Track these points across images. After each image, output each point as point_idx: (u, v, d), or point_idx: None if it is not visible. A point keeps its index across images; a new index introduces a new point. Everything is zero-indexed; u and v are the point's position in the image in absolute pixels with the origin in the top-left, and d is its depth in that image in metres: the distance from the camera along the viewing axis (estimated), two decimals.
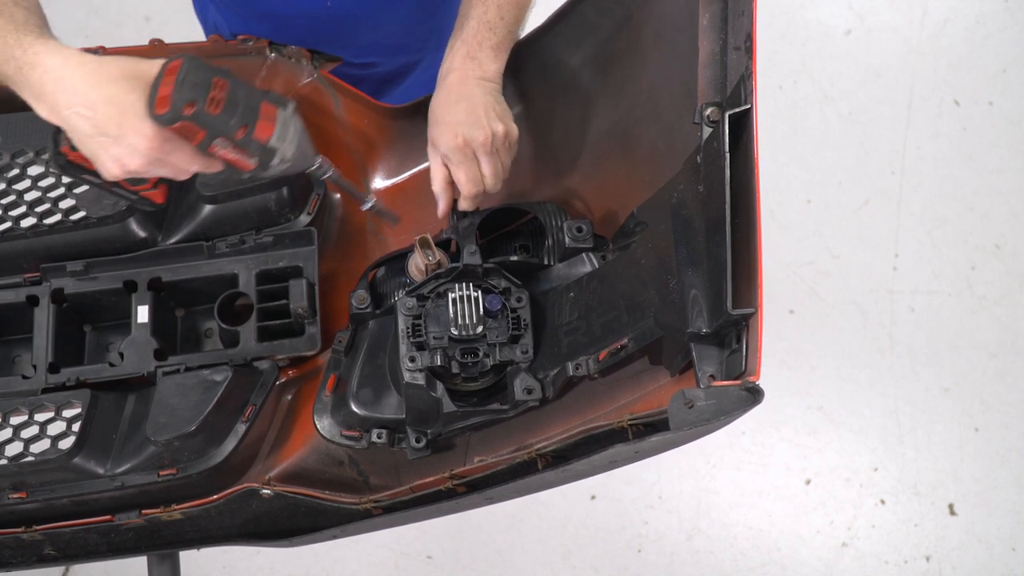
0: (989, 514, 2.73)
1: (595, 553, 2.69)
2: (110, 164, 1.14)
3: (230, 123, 1.11)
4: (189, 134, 1.11)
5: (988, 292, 2.96)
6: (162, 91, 1.08)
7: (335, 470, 1.47)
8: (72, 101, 1.11)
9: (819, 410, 2.84)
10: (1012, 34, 3.28)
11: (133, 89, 1.10)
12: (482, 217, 1.45)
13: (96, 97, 1.10)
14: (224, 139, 1.12)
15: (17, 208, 1.49)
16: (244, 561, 2.66)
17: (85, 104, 1.10)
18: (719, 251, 1.05)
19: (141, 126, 1.10)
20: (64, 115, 1.12)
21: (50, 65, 1.12)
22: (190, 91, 1.07)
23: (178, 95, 1.07)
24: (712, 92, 1.16)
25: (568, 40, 1.48)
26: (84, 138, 1.13)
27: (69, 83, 1.11)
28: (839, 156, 3.12)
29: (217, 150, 1.13)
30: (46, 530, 1.41)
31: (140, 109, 1.10)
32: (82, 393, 1.41)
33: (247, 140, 1.13)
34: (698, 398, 1.00)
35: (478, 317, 1.31)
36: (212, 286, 1.53)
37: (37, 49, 1.12)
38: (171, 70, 1.08)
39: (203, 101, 1.08)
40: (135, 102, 1.10)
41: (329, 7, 1.60)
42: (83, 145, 1.14)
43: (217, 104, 1.09)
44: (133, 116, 1.10)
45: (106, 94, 1.10)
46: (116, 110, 1.10)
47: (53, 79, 1.11)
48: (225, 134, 1.11)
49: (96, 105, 1.10)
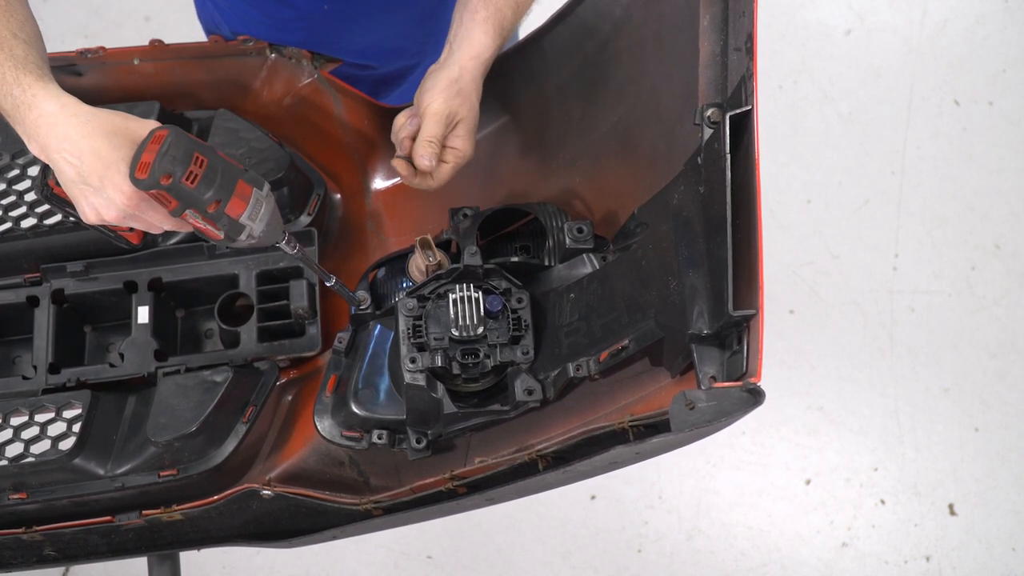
0: (989, 514, 2.73)
1: (595, 553, 2.69)
2: (88, 210, 1.19)
3: (204, 197, 1.15)
4: (164, 200, 1.15)
5: (988, 292, 2.95)
6: (145, 157, 1.13)
7: (335, 471, 1.47)
8: (62, 147, 1.15)
9: (819, 410, 2.84)
10: (1012, 34, 3.28)
11: (120, 146, 1.15)
12: (483, 218, 1.45)
13: (85, 148, 1.14)
14: (195, 211, 1.16)
15: (17, 208, 1.49)
16: (244, 561, 2.66)
17: (73, 152, 1.15)
18: (720, 252, 1.05)
19: (121, 183, 1.15)
20: (53, 158, 1.17)
21: (46, 110, 1.16)
22: (169, 163, 1.12)
23: (158, 165, 1.11)
24: (713, 93, 1.16)
25: (568, 41, 1.48)
26: (68, 182, 1.18)
27: (62, 130, 1.15)
28: (839, 156, 3.12)
29: (188, 218, 1.18)
30: (46, 531, 1.41)
31: (123, 167, 1.15)
32: (82, 394, 1.41)
33: (218, 214, 1.17)
34: (699, 399, 1.00)
35: (479, 318, 1.31)
36: (212, 287, 1.53)
37: (36, 91, 1.17)
38: (156, 139, 1.13)
39: (180, 174, 1.12)
40: (119, 160, 1.15)
41: (326, 10, 1.60)
42: (66, 188, 1.20)
43: (193, 179, 1.13)
44: (115, 172, 1.15)
45: (94, 146, 1.14)
46: (101, 163, 1.15)
47: (47, 123, 1.16)
48: (197, 207, 1.16)
49: (83, 155, 1.15)
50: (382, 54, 1.75)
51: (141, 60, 1.56)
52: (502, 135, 1.60)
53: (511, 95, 1.57)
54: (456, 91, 1.35)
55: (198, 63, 1.58)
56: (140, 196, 1.16)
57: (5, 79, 1.18)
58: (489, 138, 1.60)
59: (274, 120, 1.60)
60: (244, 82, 1.60)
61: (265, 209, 1.21)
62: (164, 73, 1.56)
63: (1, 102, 1.19)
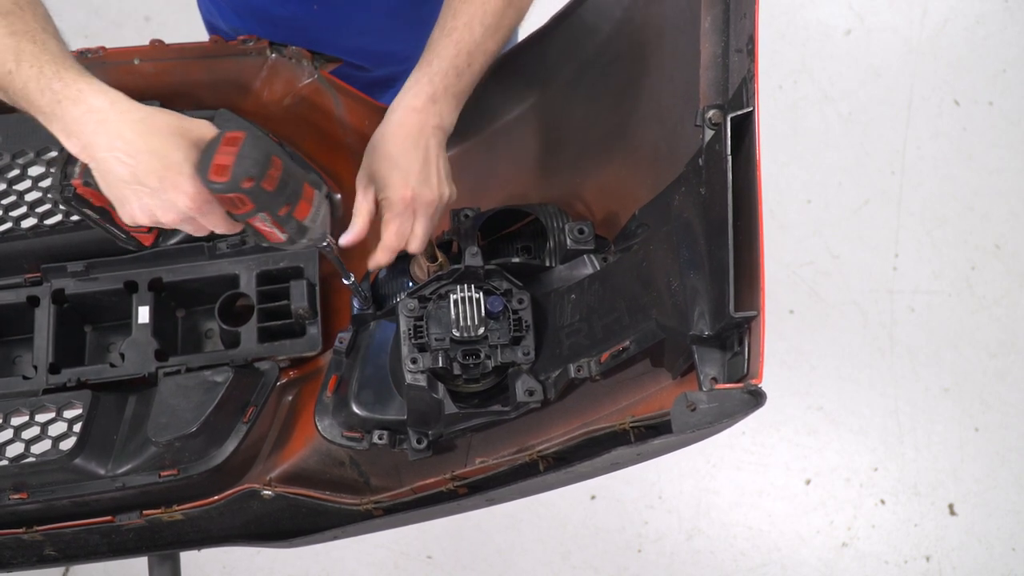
0: (989, 514, 2.74)
1: (595, 553, 2.69)
2: (137, 212, 1.15)
3: (279, 200, 1.13)
4: (236, 204, 1.12)
5: (988, 292, 2.96)
6: (221, 159, 1.09)
7: (336, 471, 1.47)
8: (114, 145, 1.11)
9: (819, 410, 2.84)
10: (1012, 34, 3.28)
11: (179, 147, 1.11)
12: (484, 219, 1.45)
13: (142, 147, 1.10)
14: (267, 214, 1.14)
15: (18, 208, 1.49)
16: (244, 561, 2.66)
17: (128, 151, 1.10)
18: (721, 254, 1.05)
19: (184, 184, 1.11)
20: (100, 156, 1.12)
21: (94, 105, 1.12)
22: (252, 166, 1.09)
23: (239, 168, 1.08)
24: (714, 94, 1.16)
25: (569, 42, 1.48)
26: (117, 182, 1.13)
27: (114, 128, 1.11)
28: (839, 156, 3.12)
29: (255, 222, 1.16)
30: (47, 531, 1.41)
31: (185, 168, 1.11)
32: (83, 394, 1.41)
33: (287, 218, 1.16)
34: (700, 401, 1.00)
35: (480, 319, 1.31)
36: (213, 287, 1.53)
37: (80, 86, 1.12)
38: (231, 140, 1.10)
39: (261, 177, 1.10)
40: (180, 160, 1.11)
41: (315, 11, 1.60)
42: (112, 188, 1.15)
43: (272, 182, 1.11)
44: (176, 174, 1.11)
45: (152, 146, 1.10)
46: (160, 164, 1.11)
47: (96, 120, 1.11)
48: (270, 210, 1.14)
49: (140, 155, 1.10)
50: (373, 57, 1.75)
51: (141, 60, 1.55)
52: (503, 136, 1.60)
53: (512, 95, 1.57)
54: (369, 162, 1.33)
55: (198, 63, 1.58)
56: (204, 198, 1.13)
57: (43, 72, 1.13)
58: (490, 139, 1.60)
59: (274, 120, 1.60)
60: (244, 82, 1.60)
61: (323, 211, 1.20)
62: (164, 73, 1.56)
63: (35, 97, 1.13)
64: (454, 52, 1.33)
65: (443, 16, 1.37)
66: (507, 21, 1.36)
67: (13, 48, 1.13)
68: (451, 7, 1.36)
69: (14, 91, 1.15)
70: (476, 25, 1.34)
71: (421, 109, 1.32)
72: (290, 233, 1.18)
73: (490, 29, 1.35)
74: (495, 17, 1.35)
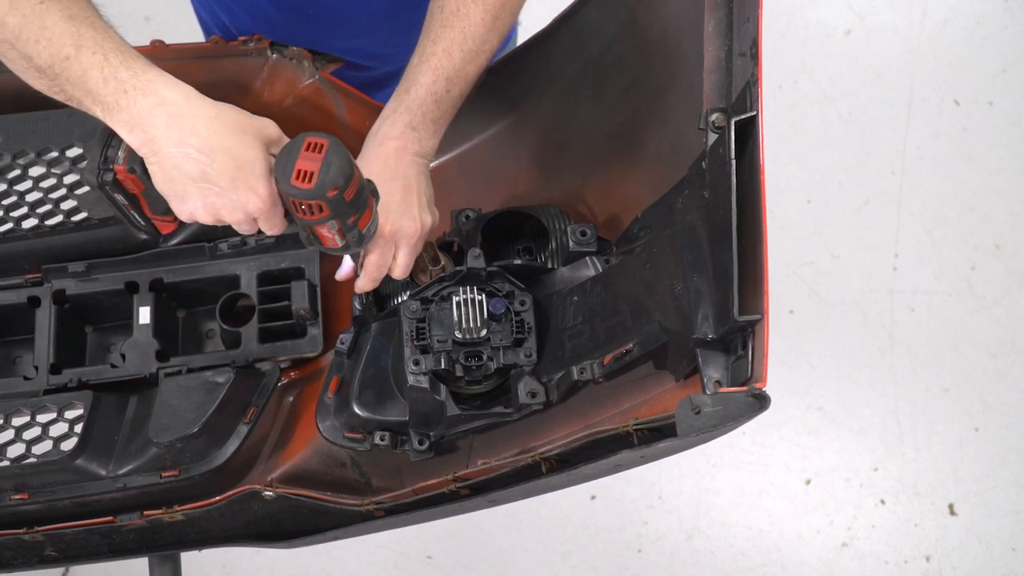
0: (989, 514, 2.74)
1: (595, 553, 2.69)
2: (200, 210, 1.12)
3: (352, 210, 1.12)
4: (310, 211, 1.10)
5: (988, 292, 2.96)
6: (305, 165, 1.06)
7: (337, 472, 1.47)
8: (187, 141, 1.07)
9: (819, 410, 2.84)
10: (1012, 34, 3.28)
11: (252, 146, 1.09)
12: (486, 220, 1.45)
13: (216, 145, 1.07)
14: (338, 222, 1.13)
15: (19, 209, 1.48)
16: (244, 561, 2.66)
17: (202, 149, 1.07)
18: (725, 257, 1.05)
19: (257, 186, 1.09)
20: (168, 151, 1.09)
21: (168, 98, 1.08)
22: (338, 175, 1.06)
23: (325, 175, 1.06)
24: (717, 98, 1.15)
25: (572, 43, 1.48)
26: (183, 179, 1.10)
27: (188, 123, 1.08)
28: (839, 156, 3.12)
29: (320, 228, 1.14)
30: (48, 531, 1.41)
31: (258, 169, 1.09)
32: (84, 394, 1.41)
33: (352, 226, 1.14)
34: (705, 404, 1.00)
35: (482, 320, 1.31)
36: (214, 287, 1.53)
37: (151, 77, 1.09)
38: (314, 146, 1.07)
39: (345, 187, 1.08)
40: (253, 160, 1.09)
41: (310, 14, 1.60)
42: (174, 184, 1.11)
43: (352, 192, 1.09)
44: (250, 174, 1.09)
45: (227, 144, 1.08)
46: (233, 163, 1.08)
47: (169, 113, 1.08)
48: (342, 219, 1.12)
49: (214, 152, 1.07)
50: (369, 57, 1.74)
51: None
52: (505, 137, 1.60)
53: (515, 96, 1.57)
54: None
55: (198, 63, 1.58)
56: (274, 201, 1.11)
57: (108, 61, 1.07)
58: (492, 140, 1.60)
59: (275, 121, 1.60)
60: (245, 83, 1.60)
61: (377, 219, 1.20)
62: None
63: (95, 85, 1.08)
64: (432, 79, 1.31)
65: (422, 42, 1.35)
66: (488, 46, 1.35)
67: (72, 33, 1.07)
68: (430, 33, 1.34)
69: (69, 79, 1.08)
70: (455, 51, 1.32)
71: (399, 137, 1.31)
72: (349, 241, 1.17)
73: (470, 54, 1.33)
74: (475, 42, 1.33)
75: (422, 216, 1.31)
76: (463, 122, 1.61)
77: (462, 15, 1.32)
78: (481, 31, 1.32)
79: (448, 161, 1.64)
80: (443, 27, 1.32)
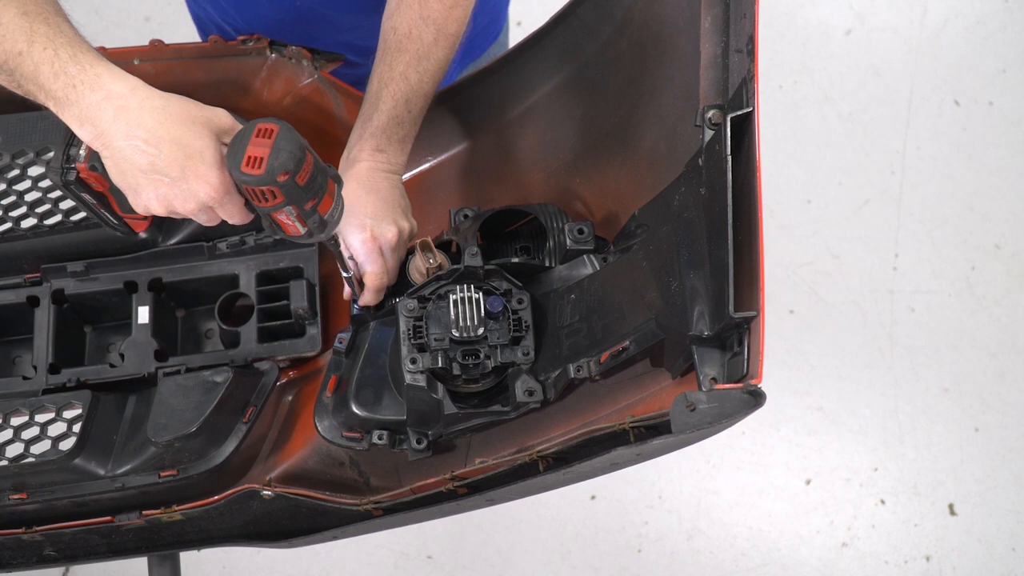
0: (989, 514, 2.74)
1: (595, 553, 2.69)
2: (153, 202, 1.12)
3: (307, 195, 1.12)
4: (264, 197, 1.10)
5: (988, 292, 2.96)
6: (255, 151, 1.07)
7: (336, 471, 1.47)
8: (135, 133, 1.08)
9: (819, 410, 2.84)
10: (1012, 34, 3.28)
11: (201, 135, 1.09)
12: (483, 219, 1.45)
13: (164, 135, 1.08)
14: (295, 208, 1.13)
15: (18, 209, 1.49)
16: (244, 561, 2.66)
17: (150, 140, 1.08)
18: (720, 254, 1.05)
19: (208, 174, 1.10)
20: (118, 145, 1.09)
21: (114, 91, 1.08)
22: (288, 160, 1.07)
23: (275, 161, 1.06)
24: (714, 95, 1.16)
25: (569, 42, 1.48)
26: (134, 171, 1.11)
27: (135, 115, 1.08)
28: (839, 156, 3.12)
29: (278, 215, 1.14)
30: (47, 531, 1.41)
31: (208, 157, 1.09)
32: (83, 394, 1.41)
33: (311, 212, 1.14)
34: (700, 401, 1.00)
35: (479, 319, 1.31)
36: (213, 287, 1.53)
37: (99, 71, 1.09)
38: (264, 132, 1.07)
39: (297, 172, 1.08)
40: (202, 149, 1.09)
41: (298, 5, 1.60)
42: (126, 176, 1.12)
43: (305, 176, 1.10)
44: (200, 163, 1.09)
45: (175, 135, 1.08)
46: (182, 153, 1.08)
47: (115, 106, 1.08)
48: (298, 204, 1.12)
49: (162, 143, 1.08)
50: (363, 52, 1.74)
51: (141, 60, 1.55)
52: (503, 136, 1.60)
53: (512, 96, 1.57)
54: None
55: (198, 63, 1.58)
56: (227, 189, 1.11)
57: (58, 56, 1.08)
58: (490, 139, 1.60)
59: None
60: (244, 82, 1.60)
61: (341, 205, 1.20)
62: (164, 73, 1.56)
63: (47, 80, 1.08)
64: (392, 104, 1.38)
65: (378, 66, 1.40)
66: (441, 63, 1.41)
67: (26, 28, 1.09)
68: (386, 57, 1.40)
69: (23, 74, 1.10)
70: (411, 73, 1.38)
71: (368, 159, 1.38)
72: (311, 227, 1.17)
73: (426, 74, 1.39)
74: (429, 62, 1.39)
75: (399, 222, 1.38)
76: (461, 122, 1.62)
77: (414, 37, 1.38)
78: (434, 51, 1.40)
79: (446, 161, 1.64)
80: (397, 51, 1.39)
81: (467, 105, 1.59)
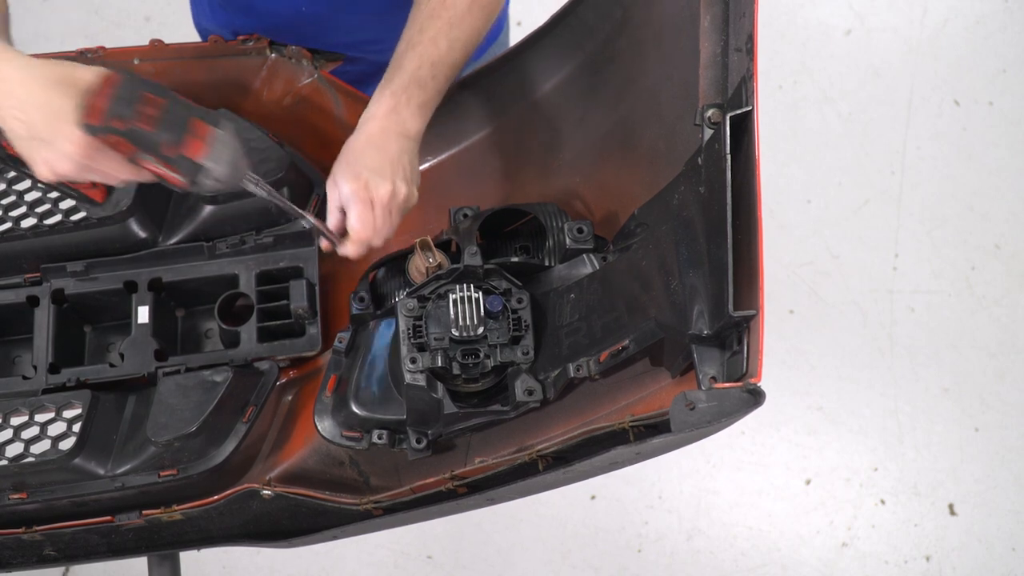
0: (989, 514, 2.74)
1: (595, 553, 2.69)
2: (41, 167, 1.15)
3: (160, 139, 1.12)
4: (120, 147, 1.12)
5: (988, 292, 2.96)
6: (96, 102, 1.09)
7: (336, 471, 1.47)
8: (8, 103, 1.11)
9: (819, 410, 2.84)
10: (1012, 34, 3.28)
11: (66, 95, 1.11)
12: (483, 218, 1.45)
13: (28, 101, 1.10)
14: (153, 155, 1.13)
15: (17, 208, 1.49)
16: (244, 561, 2.66)
17: (20, 107, 1.11)
18: (720, 253, 1.05)
19: (71, 132, 1.11)
20: (3, 117, 1.13)
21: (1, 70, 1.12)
22: (123, 106, 1.08)
23: (111, 108, 1.08)
24: (713, 94, 1.16)
25: (568, 41, 1.48)
26: (18, 140, 1.14)
27: (5, 87, 1.11)
28: (839, 156, 3.12)
29: (146, 164, 1.14)
30: (46, 531, 1.40)
31: (71, 115, 1.10)
32: (82, 394, 1.41)
33: (177, 157, 1.14)
34: (699, 400, 1.00)
35: (479, 318, 1.31)
36: (212, 286, 1.53)
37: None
38: (108, 82, 1.10)
39: (135, 116, 1.09)
40: (67, 108, 1.10)
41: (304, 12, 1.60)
42: (18, 147, 1.15)
43: (149, 120, 1.10)
44: (63, 122, 1.10)
45: (39, 99, 1.10)
46: (48, 115, 1.10)
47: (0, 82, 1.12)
48: (153, 151, 1.12)
49: (28, 108, 1.10)
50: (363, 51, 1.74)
51: (141, 60, 1.56)
52: (502, 135, 1.60)
53: (511, 96, 1.57)
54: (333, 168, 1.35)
55: (198, 63, 1.58)
56: (93, 145, 1.12)
57: None
58: (489, 138, 1.60)
59: (274, 120, 1.60)
60: (244, 82, 1.60)
61: (227, 149, 1.17)
62: (164, 73, 1.56)
63: None
64: (416, 65, 1.35)
65: (408, 30, 1.39)
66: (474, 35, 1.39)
67: None
68: (416, 22, 1.38)
69: None
70: (441, 39, 1.36)
71: (383, 117, 1.35)
72: (186, 174, 1.15)
73: (456, 42, 1.37)
74: (461, 31, 1.37)
75: (397, 183, 1.33)
76: (460, 121, 1.62)
77: (448, 5, 1.37)
78: (467, 20, 1.37)
79: (446, 160, 1.64)
80: (430, 17, 1.37)
81: (467, 104, 1.60)
